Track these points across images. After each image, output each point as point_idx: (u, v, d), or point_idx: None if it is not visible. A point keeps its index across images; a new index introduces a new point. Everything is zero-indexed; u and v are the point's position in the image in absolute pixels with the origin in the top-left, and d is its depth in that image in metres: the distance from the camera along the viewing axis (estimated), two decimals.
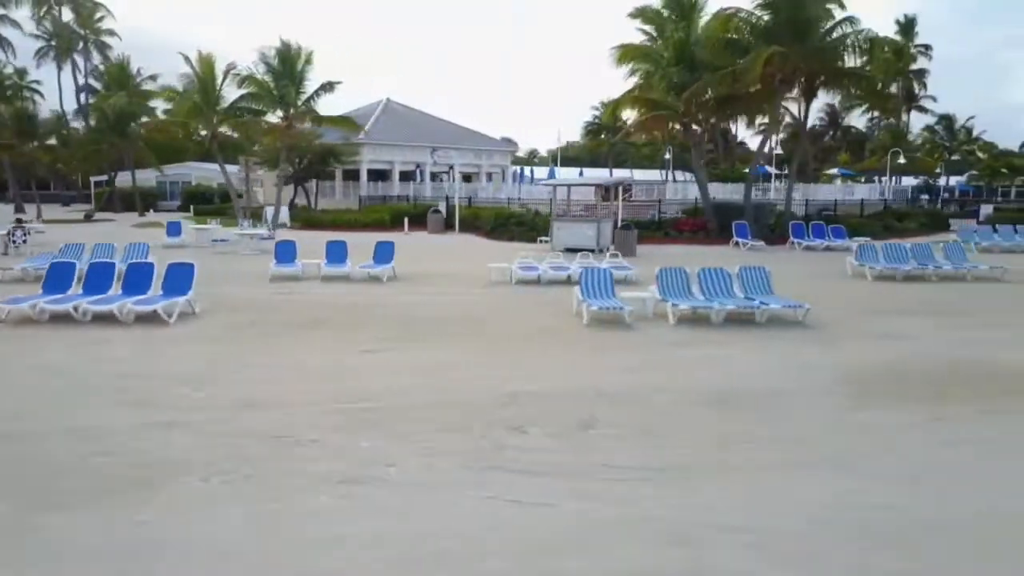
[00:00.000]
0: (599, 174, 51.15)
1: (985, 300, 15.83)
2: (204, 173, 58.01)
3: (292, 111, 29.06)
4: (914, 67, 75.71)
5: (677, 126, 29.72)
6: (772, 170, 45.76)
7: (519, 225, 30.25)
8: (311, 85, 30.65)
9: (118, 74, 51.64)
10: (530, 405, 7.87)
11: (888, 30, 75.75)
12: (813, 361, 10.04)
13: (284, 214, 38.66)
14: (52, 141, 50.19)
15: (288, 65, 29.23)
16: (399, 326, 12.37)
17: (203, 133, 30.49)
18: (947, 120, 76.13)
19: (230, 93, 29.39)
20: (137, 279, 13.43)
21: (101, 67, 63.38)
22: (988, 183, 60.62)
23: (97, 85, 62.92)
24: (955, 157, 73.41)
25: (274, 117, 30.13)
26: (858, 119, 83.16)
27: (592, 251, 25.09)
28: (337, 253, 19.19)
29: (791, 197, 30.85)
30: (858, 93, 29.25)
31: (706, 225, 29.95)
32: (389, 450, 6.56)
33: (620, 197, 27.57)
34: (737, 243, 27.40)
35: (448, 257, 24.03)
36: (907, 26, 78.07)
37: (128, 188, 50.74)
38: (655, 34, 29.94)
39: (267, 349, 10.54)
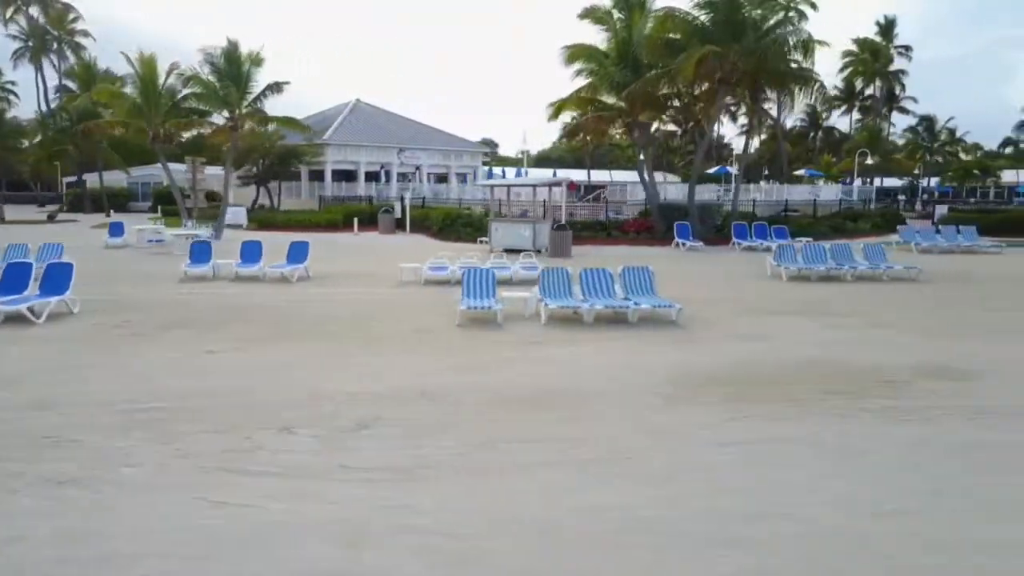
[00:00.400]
0: (572, 175, 51.09)
1: (879, 300, 15.75)
2: (174, 174, 57.88)
3: (237, 112, 28.91)
4: (894, 67, 76.06)
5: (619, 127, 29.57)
6: (734, 170, 45.65)
7: (466, 226, 30.19)
8: (260, 86, 30.52)
9: (84, 75, 51.52)
10: (346, 404, 7.80)
11: (869, 31, 76.29)
12: (654, 361, 9.97)
13: (242, 215, 38.68)
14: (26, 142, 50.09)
15: (234, 66, 29.11)
16: (272, 326, 12.31)
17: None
18: (928, 121, 76.36)
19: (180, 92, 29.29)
20: (52, 278, 13.26)
21: (76, 68, 63.21)
22: (960, 184, 60.56)
23: (74, 86, 62.79)
24: (938, 158, 73.57)
25: (222, 118, 29.97)
26: (837, 120, 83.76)
27: (530, 251, 25.22)
28: (251, 253, 19.11)
29: (737, 198, 30.81)
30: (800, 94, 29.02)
31: (652, 226, 29.90)
32: (142, 451, 6.49)
33: (564, 197, 27.42)
34: (678, 244, 27.38)
35: (379, 257, 23.94)
36: (887, 27, 78.38)
37: (101, 189, 50.64)
38: (606, 34, 29.81)
39: (115, 350, 10.45)
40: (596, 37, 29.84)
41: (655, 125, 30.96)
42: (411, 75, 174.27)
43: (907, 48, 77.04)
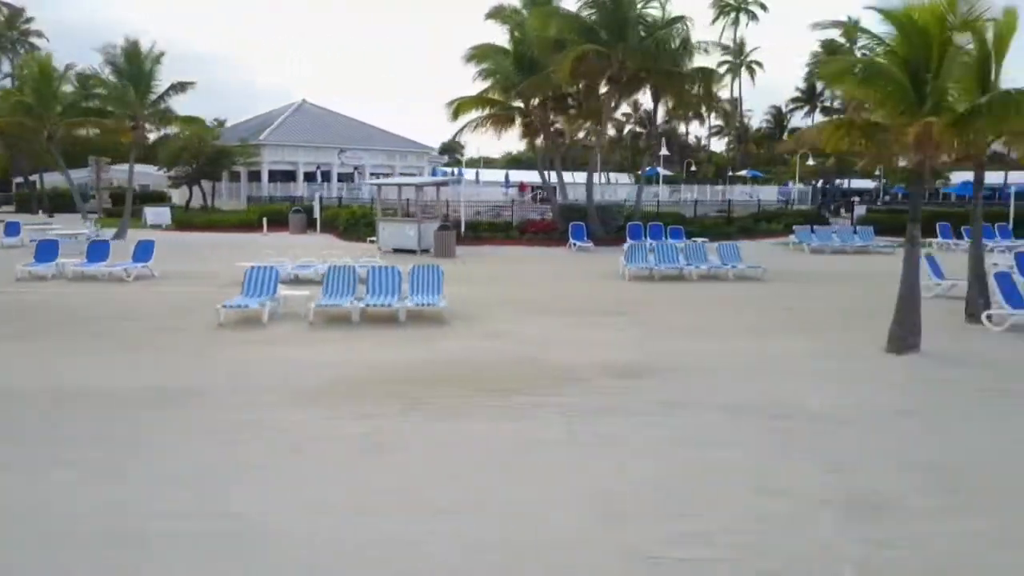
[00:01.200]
0: (525, 176, 51.21)
1: (687, 300, 15.82)
2: (122, 175, 57.90)
3: (138, 112, 28.90)
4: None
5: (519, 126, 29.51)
6: (663, 171, 45.72)
7: (368, 225, 30.15)
8: (164, 85, 30.49)
9: (19, 74, 51.45)
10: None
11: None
12: (353, 359, 9.98)
13: (166, 215, 38.69)
14: None
15: (135, 65, 29.10)
16: (25, 322, 12.44)
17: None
18: None
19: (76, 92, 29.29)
20: None
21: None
22: (906, 184, 60.33)
23: None
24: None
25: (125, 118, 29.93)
26: (801, 120, 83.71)
27: (414, 251, 25.23)
28: (98, 252, 19.14)
29: (640, 199, 30.82)
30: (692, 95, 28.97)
31: (555, 227, 29.87)
32: None
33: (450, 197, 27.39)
34: (572, 244, 27.36)
35: (246, 256, 23.87)
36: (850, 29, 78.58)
37: (41, 190, 50.63)
38: (515, 34, 29.74)
39: None
40: (503, 37, 29.85)
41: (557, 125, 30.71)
42: (404, 75, 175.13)
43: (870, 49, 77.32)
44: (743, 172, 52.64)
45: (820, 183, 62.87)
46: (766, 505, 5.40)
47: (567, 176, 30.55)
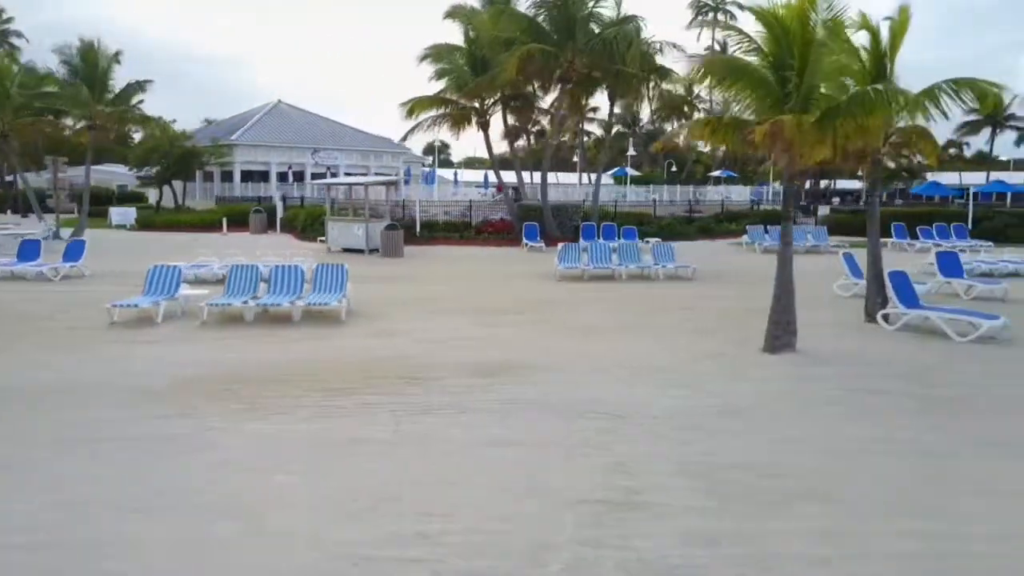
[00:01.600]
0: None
1: (597, 299, 15.76)
2: (102, 176, 57.90)
3: (93, 112, 28.81)
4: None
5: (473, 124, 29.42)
6: (631, 171, 45.67)
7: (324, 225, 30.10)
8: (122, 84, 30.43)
9: None
10: None
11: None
12: (218, 359, 9.92)
13: (131, 215, 38.68)
14: None
15: (90, 65, 29.03)
16: None
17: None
18: None
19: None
20: None
21: None
22: (885, 185, 60.32)
23: None
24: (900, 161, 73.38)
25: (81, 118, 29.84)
26: None
27: (363, 251, 25.18)
28: (29, 252, 19.09)
29: (598, 199, 30.76)
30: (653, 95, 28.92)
31: (511, 227, 29.83)
32: None
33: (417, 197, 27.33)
34: (525, 244, 27.32)
35: (189, 256, 23.84)
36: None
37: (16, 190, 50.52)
38: (469, 34, 29.69)
39: None
40: (461, 37, 29.81)
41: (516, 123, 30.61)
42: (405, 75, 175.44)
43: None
44: (716, 172, 52.55)
45: (809, 183, 63.04)
46: (519, 506, 5.34)
47: (550, 176, 30.60)
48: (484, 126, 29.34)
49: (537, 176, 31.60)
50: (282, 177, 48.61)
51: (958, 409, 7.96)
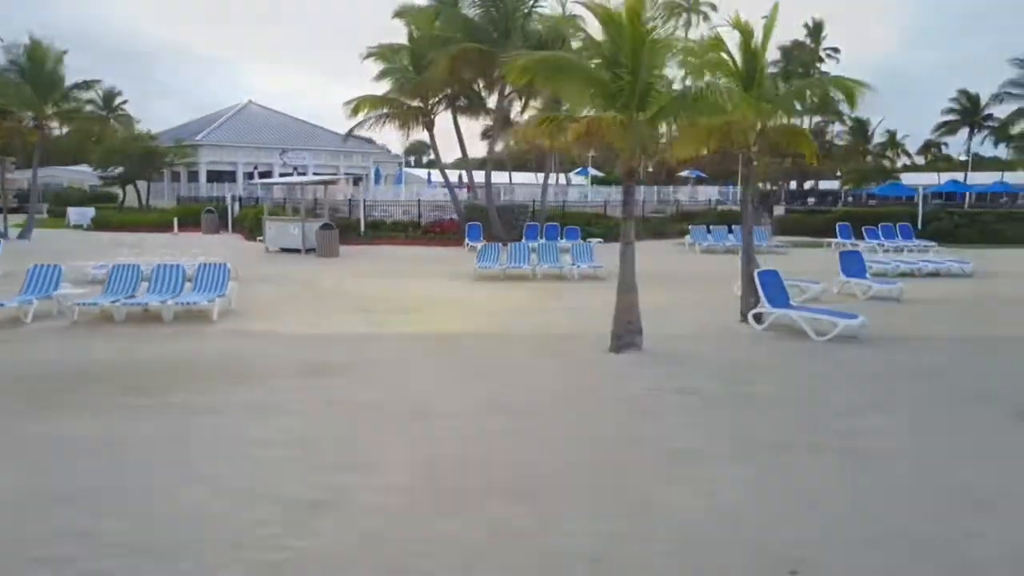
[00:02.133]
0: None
1: (491, 298, 15.73)
2: (74, 176, 57.99)
3: (39, 112, 28.82)
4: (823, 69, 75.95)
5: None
6: (592, 171, 45.63)
7: None
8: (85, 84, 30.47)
9: None
10: None
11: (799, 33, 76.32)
12: (54, 359, 9.90)
13: (87, 215, 38.67)
14: None
15: (37, 64, 29.02)
16: None
17: None
18: (859, 124, 76.46)
19: None
20: None
21: None
22: (856, 187, 60.38)
23: None
24: (885, 162, 73.42)
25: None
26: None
27: (299, 251, 25.16)
28: None
29: (545, 199, 30.73)
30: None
31: (457, 227, 29.78)
32: None
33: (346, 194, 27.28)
34: (468, 244, 27.28)
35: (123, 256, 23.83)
36: (815, 29, 78.47)
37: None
38: (413, 34, 29.60)
39: None
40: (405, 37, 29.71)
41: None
42: None
43: (835, 50, 77.29)
44: (684, 172, 52.45)
45: (788, 184, 63.11)
46: (208, 503, 5.31)
47: (518, 176, 30.58)
48: (428, 125, 29.24)
49: (517, 176, 31.60)
50: (250, 177, 48.54)
51: (739, 406, 7.93)
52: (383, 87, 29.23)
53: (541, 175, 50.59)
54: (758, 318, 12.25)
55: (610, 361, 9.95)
